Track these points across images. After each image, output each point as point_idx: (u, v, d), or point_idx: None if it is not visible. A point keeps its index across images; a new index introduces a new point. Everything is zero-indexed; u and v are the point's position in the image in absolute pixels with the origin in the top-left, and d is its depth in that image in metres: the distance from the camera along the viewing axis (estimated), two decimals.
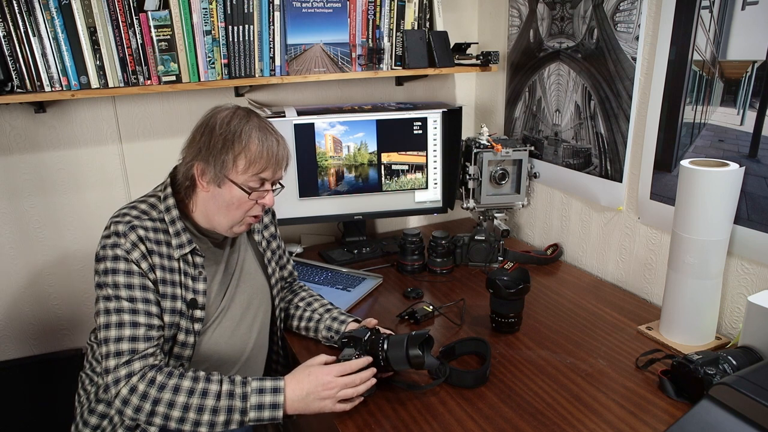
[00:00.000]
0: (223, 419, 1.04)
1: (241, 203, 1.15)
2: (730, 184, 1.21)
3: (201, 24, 1.56)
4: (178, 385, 1.04)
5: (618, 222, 1.65)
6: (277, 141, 1.16)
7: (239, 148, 1.11)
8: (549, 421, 1.07)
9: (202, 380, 1.06)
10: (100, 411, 1.17)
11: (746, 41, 1.22)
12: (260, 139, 1.13)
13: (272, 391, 1.06)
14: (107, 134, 1.71)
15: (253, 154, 1.12)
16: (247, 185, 1.14)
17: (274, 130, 1.18)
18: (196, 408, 1.03)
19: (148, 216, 1.14)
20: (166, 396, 1.03)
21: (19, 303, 1.71)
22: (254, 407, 1.05)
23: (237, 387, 1.06)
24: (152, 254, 1.11)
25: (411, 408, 1.13)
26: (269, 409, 1.05)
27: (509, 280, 1.37)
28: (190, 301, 1.15)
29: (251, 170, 1.13)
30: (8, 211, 1.64)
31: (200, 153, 1.13)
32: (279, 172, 1.18)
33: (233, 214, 1.16)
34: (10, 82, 1.42)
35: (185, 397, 1.03)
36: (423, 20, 1.86)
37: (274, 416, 1.06)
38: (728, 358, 1.08)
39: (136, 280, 1.09)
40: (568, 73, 1.72)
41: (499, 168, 1.82)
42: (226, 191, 1.14)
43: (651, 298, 1.57)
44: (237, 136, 1.12)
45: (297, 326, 1.41)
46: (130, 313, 1.07)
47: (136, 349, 1.06)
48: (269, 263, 1.35)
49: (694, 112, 1.36)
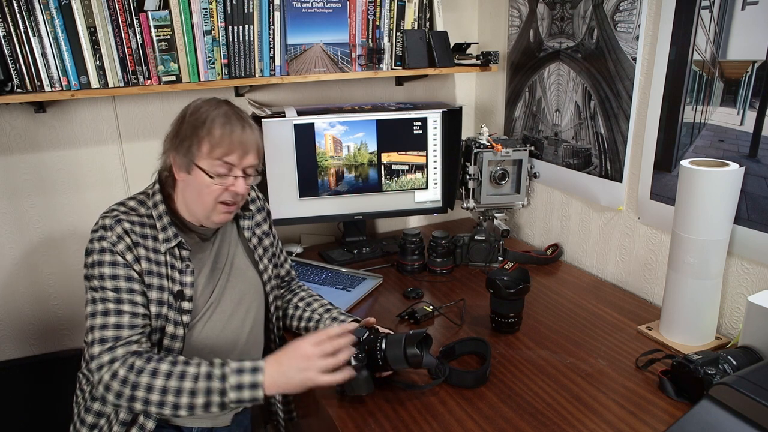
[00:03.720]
0: (202, 401, 1.04)
1: (209, 189, 1.15)
2: (730, 184, 1.21)
3: (201, 24, 1.56)
4: (156, 368, 1.05)
5: (618, 222, 1.65)
6: (242, 127, 1.16)
7: (203, 133, 1.13)
8: (549, 421, 1.07)
9: (181, 363, 1.07)
10: (96, 409, 1.17)
11: (746, 41, 1.22)
12: (223, 123, 1.14)
13: (251, 371, 1.05)
14: (107, 134, 1.71)
15: (215, 138, 1.13)
16: (213, 170, 1.14)
17: (243, 118, 1.18)
18: (174, 391, 1.03)
19: (135, 212, 1.18)
20: (144, 380, 1.04)
21: (19, 303, 1.71)
22: (233, 387, 1.04)
23: (216, 368, 1.06)
24: (137, 246, 1.14)
25: (411, 408, 1.13)
26: (249, 389, 1.04)
27: (509, 280, 1.37)
28: (177, 293, 1.16)
29: (215, 154, 1.13)
30: (8, 210, 1.64)
31: (173, 142, 1.16)
32: (247, 158, 1.17)
33: (205, 201, 1.17)
34: (10, 82, 1.42)
35: (163, 381, 1.04)
36: (423, 20, 1.86)
37: (255, 396, 1.04)
38: (728, 358, 1.08)
39: (121, 271, 1.11)
40: (568, 73, 1.72)
41: (499, 168, 1.82)
42: (195, 178, 1.15)
43: (651, 298, 1.57)
44: (201, 122, 1.14)
45: (297, 326, 1.41)
46: (114, 302, 1.10)
47: (119, 336, 1.08)
48: (260, 260, 1.35)
49: (694, 112, 1.36)
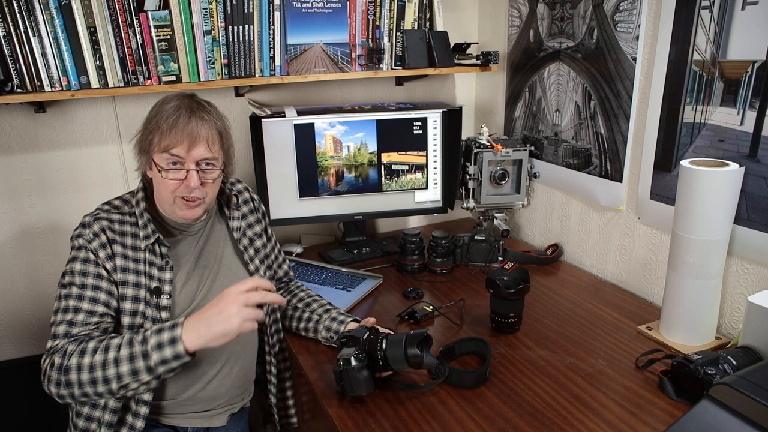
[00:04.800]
0: (128, 369, 1.02)
1: (165, 184, 1.15)
2: (730, 184, 1.21)
3: (201, 24, 1.56)
4: (84, 348, 1.05)
5: (618, 222, 1.65)
6: (189, 118, 1.12)
7: (152, 126, 1.13)
8: (549, 421, 1.07)
9: (107, 338, 1.07)
10: (85, 413, 1.17)
11: (746, 41, 1.22)
12: (170, 115, 1.12)
13: (170, 327, 1.04)
14: (107, 134, 1.71)
15: (163, 130, 1.12)
16: (163, 164, 1.14)
17: (195, 109, 1.14)
18: (101, 364, 1.03)
19: (118, 210, 1.20)
20: (74, 361, 1.04)
21: (19, 303, 1.71)
22: (154, 348, 1.02)
23: (137, 335, 1.05)
24: (113, 243, 1.15)
25: (411, 408, 1.13)
26: (169, 345, 1.02)
27: (509, 280, 1.37)
28: (154, 289, 1.17)
29: (162, 146, 1.13)
30: (8, 210, 1.64)
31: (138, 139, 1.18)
32: (195, 150, 1.13)
33: (164, 196, 1.18)
34: (10, 82, 1.42)
35: (90, 357, 1.04)
36: (423, 20, 1.86)
37: (176, 352, 1.02)
38: (728, 358, 1.08)
39: (91, 268, 1.13)
40: (568, 73, 1.72)
41: (499, 168, 1.82)
42: (154, 172, 1.16)
43: (651, 298, 1.57)
44: (154, 115, 1.14)
45: (296, 327, 1.41)
46: (76, 299, 1.11)
47: (68, 333, 1.09)
48: (251, 261, 1.34)
49: (694, 112, 1.36)
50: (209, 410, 1.28)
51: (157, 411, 1.23)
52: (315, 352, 1.35)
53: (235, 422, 1.34)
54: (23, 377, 1.66)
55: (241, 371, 1.31)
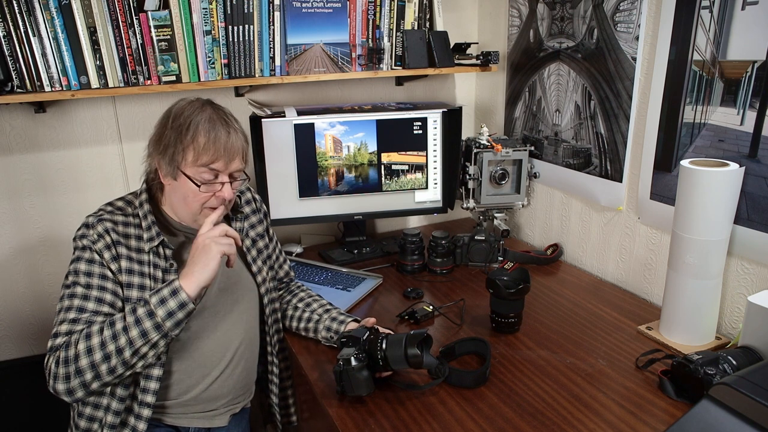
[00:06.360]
0: (137, 332, 1.04)
1: (195, 196, 1.15)
2: (730, 184, 1.21)
3: (201, 24, 1.56)
4: (89, 332, 1.06)
5: (618, 222, 1.65)
6: (227, 132, 1.15)
7: (188, 141, 1.12)
8: (549, 421, 1.07)
9: (108, 318, 1.08)
10: (87, 414, 1.17)
11: (746, 41, 1.22)
12: (208, 130, 1.13)
13: (167, 284, 1.07)
14: (107, 134, 1.71)
15: (200, 146, 1.12)
16: (199, 177, 1.14)
17: (228, 122, 1.17)
18: (111, 337, 1.05)
19: (121, 212, 1.19)
20: (82, 346, 1.05)
21: (19, 303, 1.71)
22: (157, 305, 1.05)
23: (139, 303, 1.08)
24: (118, 245, 1.15)
25: (411, 408, 1.13)
26: (171, 297, 1.05)
27: (509, 280, 1.37)
28: None
29: (200, 161, 1.13)
30: (8, 210, 1.64)
31: (157, 147, 1.16)
32: (233, 164, 1.17)
33: (191, 206, 1.17)
34: (10, 82, 1.42)
35: (98, 337, 1.05)
36: (423, 20, 1.86)
37: (181, 301, 1.05)
38: (728, 358, 1.08)
39: (96, 268, 1.13)
40: (568, 73, 1.72)
41: (499, 168, 1.82)
42: (182, 184, 1.15)
43: (651, 298, 1.57)
44: (186, 128, 1.13)
45: (296, 327, 1.41)
46: (81, 298, 1.11)
47: (71, 331, 1.09)
48: (254, 262, 1.35)
49: (694, 112, 1.36)
50: (211, 410, 1.28)
51: (160, 411, 1.23)
52: (315, 352, 1.35)
53: (236, 422, 1.35)
54: (23, 377, 1.66)
55: (244, 371, 1.31)
